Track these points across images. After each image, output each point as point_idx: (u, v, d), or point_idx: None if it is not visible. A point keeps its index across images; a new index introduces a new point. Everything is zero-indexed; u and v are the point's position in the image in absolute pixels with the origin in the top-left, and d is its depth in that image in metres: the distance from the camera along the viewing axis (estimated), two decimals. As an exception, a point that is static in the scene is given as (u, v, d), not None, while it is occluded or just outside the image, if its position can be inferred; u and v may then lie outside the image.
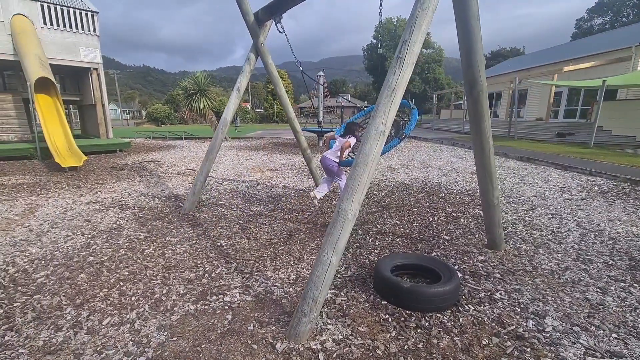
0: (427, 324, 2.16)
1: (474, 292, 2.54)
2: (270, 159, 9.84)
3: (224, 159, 9.87)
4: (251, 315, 2.28)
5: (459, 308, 2.33)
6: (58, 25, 11.47)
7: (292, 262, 3.10)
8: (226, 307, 2.37)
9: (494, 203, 3.02)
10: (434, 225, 4.05)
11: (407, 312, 2.28)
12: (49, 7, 11.21)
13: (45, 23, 11.20)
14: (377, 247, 3.46)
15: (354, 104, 19.92)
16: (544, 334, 2.06)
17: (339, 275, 2.82)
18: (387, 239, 3.66)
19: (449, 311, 2.29)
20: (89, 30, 12.18)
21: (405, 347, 1.96)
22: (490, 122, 2.67)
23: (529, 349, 1.93)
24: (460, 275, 2.75)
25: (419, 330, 2.10)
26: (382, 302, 2.39)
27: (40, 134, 9.46)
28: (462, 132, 20.84)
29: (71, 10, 11.66)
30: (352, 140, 3.82)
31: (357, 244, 3.53)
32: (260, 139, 17.86)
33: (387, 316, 2.25)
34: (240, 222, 4.28)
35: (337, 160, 3.82)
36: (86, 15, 12.03)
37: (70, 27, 11.72)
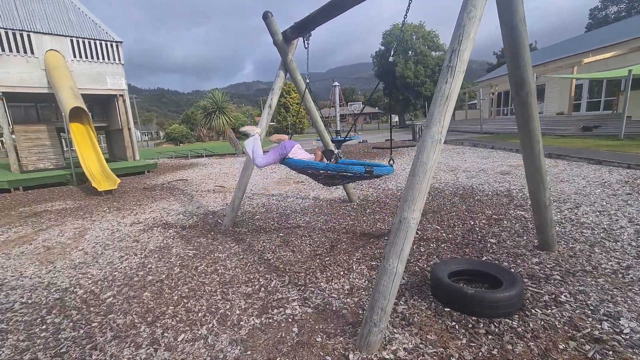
0: (497, 329, 2.14)
1: (537, 295, 2.49)
2: (293, 172, 9.94)
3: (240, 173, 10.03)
4: (316, 327, 2.32)
5: (526, 312, 2.29)
6: (86, 57, 12.12)
7: (342, 273, 3.13)
8: (290, 320, 2.41)
9: (545, 203, 2.98)
10: (477, 229, 4.00)
11: (473, 318, 2.26)
12: (77, 41, 11.88)
13: (75, 56, 11.86)
14: (424, 253, 3.45)
15: (366, 112, 20.02)
16: (622, 335, 2.00)
17: (393, 284, 2.82)
18: (432, 245, 3.64)
19: (517, 316, 2.26)
20: (114, 60, 12.80)
21: (480, 354, 1.95)
22: (539, 122, 2.66)
23: (610, 352, 1.88)
24: (518, 278, 2.71)
25: (490, 337, 2.08)
26: (445, 309, 2.38)
27: (75, 160, 9.93)
28: (480, 132, 20.51)
29: (97, 42, 12.32)
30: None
31: (403, 252, 3.52)
32: (279, 151, 18.06)
33: (454, 323, 2.24)
34: (281, 235, 4.35)
35: (288, 154, 3.40)
36: (111, 45, 12.67)
37: (98, 58, 12.36)
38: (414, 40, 39.64)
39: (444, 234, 3.94)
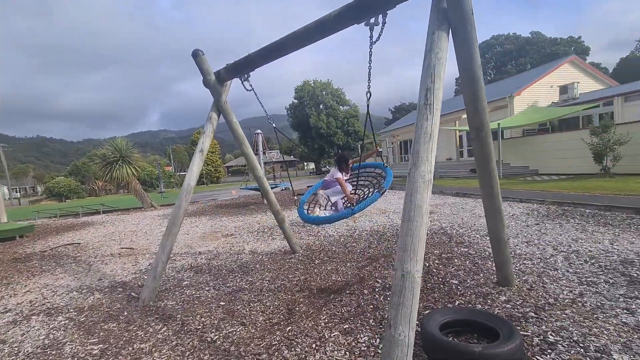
0: (515, 391, 1.87)
1: (528, 339, 2.37)
2: (219, 224, 8.96)
3: (165, 230, 8.61)
4: None
5: (530, 362, 2.11)
6: None
7: (314, 346, 2.56)
8: None
9: (504, 239, 3.06)
10: (434, 270, 3.92)
11: (485, 381, 1.97)
12: None
13: None
14: (394, 305, 3.13)
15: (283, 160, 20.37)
16: (625, 372, 1.94)
17: (379, 350, 2.39)
18: (399, 295, 3.37)
19: (524, 368, 2.05)
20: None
21: None
22: (495, 162, 2.77)
23: (628, 395, 1.77)
24: (500, 322, 2.58)
25: (512, 403, 1.80)
26: (452, 375, 2.04)
27: None
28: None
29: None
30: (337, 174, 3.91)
31: (372, 306, 3.16)
32: (195, 202, 16.41)
33: (468, 392, 1.90)
34: (222, 303, 3.55)
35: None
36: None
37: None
38: (323, 95, 43.28)
39: (404, 280, 3.74)
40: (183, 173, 55.77)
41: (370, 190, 4.23)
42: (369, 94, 2.89)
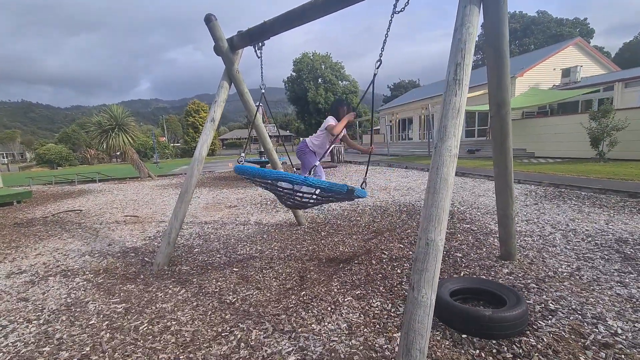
0: (521, 351, 2.05)
1: (530, 306, 2.55)
2: (221, 195, 9.03)
3: (166, 200, 8.68)
4: (332, 385, 1.86)
5: (533, 326, 2.29)
6: None
7: (329, 309, 2.72)
8: (296, 383, 1.89)
9: (512, 216, 3.19)
10: (438, 245, 4.08)
11: (493, 341, 2.14)
12: None
13: None
14: (402, 275, 3.30)
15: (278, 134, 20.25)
16: (620, 337, 2.13)
17: (392, 314, 2.56)
18: (405, 265, 3.54)
19: (528, 332, 2.23)
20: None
21: (521, 383, 1.80)
22: (511, 142, 2.84)
23: (623, 356, 1.96)
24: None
25: (519, 360, 1.98)
26: (462, 336, 2.21)
27: None
28: (387, 155, 22.55)
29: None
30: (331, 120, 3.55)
31: (380, 275, 3.32)
32: (193, 174, 16.35)
33: (478, 351, 2.07)
34: (235, 269, 3.68)
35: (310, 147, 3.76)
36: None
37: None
38: (322, 68, 42.28)
39: (410, 252, 3.90)
40: (177, 144, 55.02)
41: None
42: (378, 62, 2.75)
